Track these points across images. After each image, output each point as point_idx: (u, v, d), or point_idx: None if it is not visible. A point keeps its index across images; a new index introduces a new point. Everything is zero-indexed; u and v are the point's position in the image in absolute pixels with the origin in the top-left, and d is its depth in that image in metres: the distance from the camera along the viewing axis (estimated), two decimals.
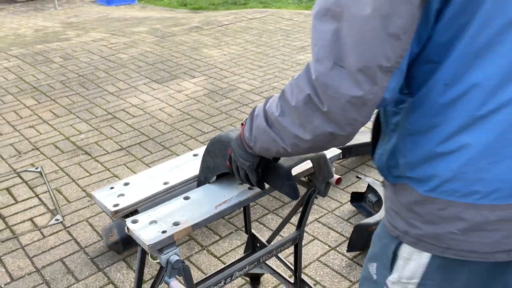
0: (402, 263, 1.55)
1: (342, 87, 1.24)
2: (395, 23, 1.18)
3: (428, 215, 1.43)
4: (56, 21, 12.03)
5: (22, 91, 6.96)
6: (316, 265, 3.52)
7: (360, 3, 1.19)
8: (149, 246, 1.80)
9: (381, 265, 1.64)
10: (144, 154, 5.07)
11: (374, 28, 1.19)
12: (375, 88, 1.24)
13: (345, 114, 1.28)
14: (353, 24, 1.21)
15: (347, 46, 1.22)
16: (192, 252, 3.68)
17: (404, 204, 1.49)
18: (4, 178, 4.72)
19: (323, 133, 1.35)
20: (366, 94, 1.24)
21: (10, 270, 3.57)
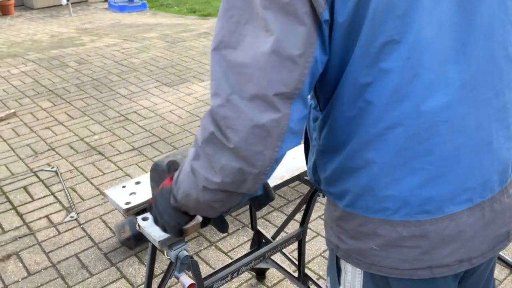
0: (344, 275, 1.51)
1: (242, 117, 1.12)
2: (289, 46, 1.10)
3: (352, 230, 1.40)
4: (71, 27, 12.05)
5: (38, 94, 6.98)
6: (319, 260, 3.52)
7: (254, 30, 1.12)
8: (159, 242, 1.80)
9: (332, 279, 1.59)
10: (155, 154, 5.07)
11: (268, 53, 1.10)
12: (277, 115, 1.12)
13: (250, 148, 1.15)
14: (247, 52, 1.12)
15: (243, 75, 1.12)
16: (200, 247, 3.68)
17: (333, 219, 1.46)
18: (21, 177, 4.74)
19: (232, 171, 1.19)
20: (268, 122, 1.12)
21: (27, 265, 3.58)
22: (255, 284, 3.32)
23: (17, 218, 4.10)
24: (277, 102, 1.11)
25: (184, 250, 1.86)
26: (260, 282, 3.33)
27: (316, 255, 3.56)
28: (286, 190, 4.27)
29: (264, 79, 1.10)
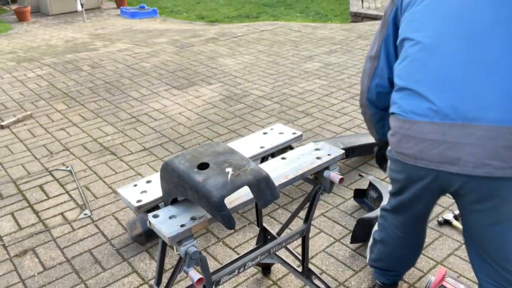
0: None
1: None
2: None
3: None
4: (85, 32, 12.08)
5: (53, 96, 6.99)
6: (322, 255, 3.52)
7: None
8: (169, 239, 1.81)
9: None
10: (165, 154, 5.08)
11: None
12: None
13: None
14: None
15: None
16: (209, 243, 3.69)
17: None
18: (37, 176, 4.75)
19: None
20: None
21: (42, 260, 3.58)
22: (260, 279, 3.32)
23: (33, 215, 4.11)
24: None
25: (193, 246, 1.87)
26: (266, 276, 3.33)
27: (319, 250, 3.56)
28: (291, 189, 4.27)
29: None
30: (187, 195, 1.88)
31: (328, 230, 3.78)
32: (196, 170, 1.88)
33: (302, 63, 8.09)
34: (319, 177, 2.38)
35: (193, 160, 1.95)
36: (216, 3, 16.16)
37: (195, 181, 1.82)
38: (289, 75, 7.50)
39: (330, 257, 3.50)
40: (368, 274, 3.31)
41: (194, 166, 1.90)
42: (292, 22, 11.89)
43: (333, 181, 2.33)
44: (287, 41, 9.70)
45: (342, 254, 3.51)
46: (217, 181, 1.81)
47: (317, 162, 2.28)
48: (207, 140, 5.35)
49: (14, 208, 4.22)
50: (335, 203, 4.10)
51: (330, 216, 3.95)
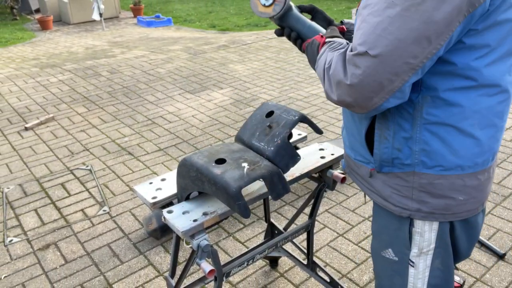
0: (418, 237, 1.66)
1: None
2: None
3: (440, 190, 1.56)
4: (104, 40, 12.10)
5: (74, 100, 7.02)
6: (326, 249, 3.52)
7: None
8: (183, 233, 1.82)
9: (398, 247, 1.72)
10: (179, 154, 5.09)
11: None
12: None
13: (357, 83, 1.35)
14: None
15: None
16: (220, 238, 3.69)
17: (416, 187, 1.58)
18: (59, 175, 4.76)
19: (341, 95, 1.41)
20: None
21: (64, 254, 3.60)
22: (268, 271, 3.32)
23: (55, 211, 4.13)
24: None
25: (205, 240, 1.87)
26: (273, 269, 3.34)
27: (323, 244, 3.56)
28: (297, 187, 4.27)
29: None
30: (204, 188, 1.89)
31: (331, 225, 3.78)
32: (214, 165, 1.89)
33: (307, 69, 8.08)
34: (323, 175, 2.39)
35: (210, 156, 1.96)
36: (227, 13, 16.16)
37: (213, 174, 1.83)
38: (295, 80, 7.50)
39: (334, 250, 3.50)
40: (369, 267, 3.31)
41: (212, 161, 1.92)
42: None
43: (336, 180, 2.33)
44: (294, 48, 9.69)
45: (345, 248, 3.51)
46: (234, 174, 1.82)
47: (321, 161, 2.29)
48: (219, 141, 5.36)
49: (38, 205, 4.24)
50: (338, 200, 4.10)
51: (334, 212, 3.95)
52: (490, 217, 3.79)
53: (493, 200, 3.99)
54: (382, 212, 1.74)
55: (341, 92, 1.39)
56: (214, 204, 1.98)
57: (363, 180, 1.76)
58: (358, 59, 1.32)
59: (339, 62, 1.39)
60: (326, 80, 1.46)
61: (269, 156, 1.95)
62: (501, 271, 3.22)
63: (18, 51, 11.06)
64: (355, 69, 1.32)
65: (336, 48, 1.51)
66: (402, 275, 1.76)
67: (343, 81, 1.36)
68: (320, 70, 1.52)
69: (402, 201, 1.63)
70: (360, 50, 1.31)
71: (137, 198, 4.25)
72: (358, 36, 1.33)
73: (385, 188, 1.66)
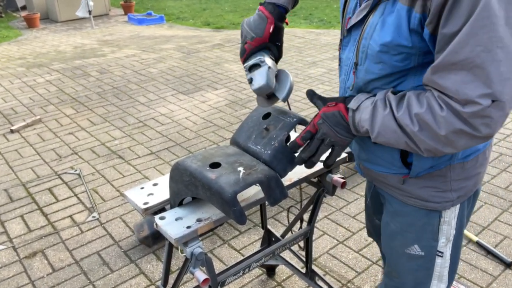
0: (446, 226, 1.83)
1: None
2: None
3: (470, 171, 1.76)
4: (93, 39, 12.10)
5: (62, 101, 7.01)
6: (325, 257, 3.52)
7: None
8: (175, 240, 1.82)
9: (425, 242, 1.85)
10: (172, 158, 5.09)
11: None
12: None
13: (492, 131, 1.39)
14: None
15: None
16: (214, 245, 3.69)
17: (456, 179, 1.74)
18: (46, 179, 4.76)
19: (466, 145, 1.46)
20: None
21: (52, 262, 3.60)
22: (265, 280, 3.32)
23: (42, 218, 4.12)
24: None
25: (199, 247, 1.87)
26: (270, 278, 3.34)
27: (322, 252, 3.57)
28: (295, 192, 4.28)
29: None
30: (198, 193, 1.89)
31: (331, 232, 3.78)
32: (208, 169, 1.89)
33: (306, 69, 8.10)
34: (322, 180, 2.39)
35: (204, 160, 1.96)
36: (222, 10, 16.17)
37: (208, 179, 1.82)
38: (294, 80, 7.50)
39: (334, 258, 3.50)
40: (371, 275, 3.31)
41: (206, 165, 1.91)
42: (296, 29, 11.88)
43: (335, 185, 2.33)
44: (291, 47, 9.71)
45: (345, 256, 3.52)
46: (230, 178, 1.82)
47: (320, 166, 2.28)
48: (213, 144, 5.36)
49: (24, 210, 4.24)
50: (338, 206, 4.10)
51: (334, 218, 3.95)
52: (497, 224, 3.79)
53: (500, 205, 4.00)
54: (407, 211, 1.85)
55: (468, 142, 1.44)
56: (209, 210, 1.97)
57: (393, 188, 1.85)
58: (488, 111, 1.34)
59: (453, 119, 1.39)
60: (427, 139, 1.47)
61: (266, 160, 1.95)
62: (508, 280, 3.23)
63: (3, 50, 11.04)
64: (489, 120, 1.36)
65: (390, 105, 1.55)
66: (428, 267, 1.90)
67: (472, 133, 1.39)
68: (396, 130, 1.53)
69: (443, 196, 1.76)
70: (486, 104, 1.33)
71: (127, 203, 4.25)
72: (474, 86, 1.34)
73: (423, 190, 1.77)
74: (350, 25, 1.70)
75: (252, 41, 1.93)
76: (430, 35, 1.42)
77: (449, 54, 1.35)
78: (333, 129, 1.68)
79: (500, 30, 1.28)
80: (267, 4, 1.95)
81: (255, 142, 2.04)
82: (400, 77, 1.59)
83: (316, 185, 2.46)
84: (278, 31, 1.98)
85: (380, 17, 1.52)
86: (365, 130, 1.60)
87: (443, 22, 1.35)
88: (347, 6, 1.78)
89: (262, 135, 2.05)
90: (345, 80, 1.79)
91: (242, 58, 1.99)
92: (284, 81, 1.99)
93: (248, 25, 1.95)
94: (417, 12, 1.41)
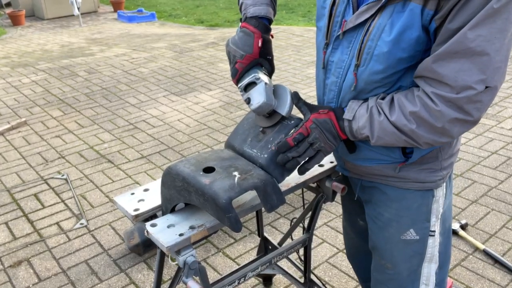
0: (436, 205, 2.00)
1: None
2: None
3: (454, 148, 1.97)
4: (81, 37, 12.10)
5: (49, 103, 7.01)
6: (325, 266, 3.52)
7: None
8: (167, 248, 1.81)
9: (419, 224, 2.01)
10: (164, 162, 5.09)
11: None
12: None
13: (481, 114, 1.60)
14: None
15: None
16: (208, 254, 3.69)
17: (446, 157, 1.92)
18: (32, 184, 4.76)
19: (459, 131, 1.65)
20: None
21: (38, 271, 3.59)
22: None
23: (28, 225, 4.12)
24: None
25: (192, 256, 1.87)
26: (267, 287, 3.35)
27: (322, 261, 3.57)
28: (292, 197, 4.28)
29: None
30: (191, 199, 1.88)
31: (331, 240, 3.79)
32: (201, 174, 1.88)
33: (304, 69, 8.11)
34: (321, 185, 2.39)
35: (198, 164, 1.95)
36: (216, 7, 16.19)
37: (201, 184, 1.82)
38: (291, 81, 7.52)
39: (333, 267, 3.51)
40: None
41: (200, 170, 1.90)
42: (294, 27, 11.90)
43: (335, 190, 2.33)
44: (289, 46, 9.73)
45: (346, 265, 3.52)
46: (224, 184, 1.81)
47: (319, 170, 2.28)
48: (207, 147, 5.37)
49: (9, 217, 4.23)
50: (338, 213, 4.10)
51: (333, 225, 3.96)
52: (505, 231, 3.80)
53: (508, 212, 4.01)
54: (404, 195, 1.99)
55: (461, 129, 1.63)
56: (202, 216, 1.97)
57: (387, 177, 1.99)
58: (480, 96, 1.54)
59: (448, 110, 1.58)
60: (425, 133, 1.66)
61: (263, 164, 1.95)
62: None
63: None
64: (480, 105, 1.56)
65: (382, 110, 1.72)
66: (421, 252, 2.06)
67: (465, 119, 1.58)
68: (394, 132, 1.70)
69: (437, 175, 1.93)
70: (480, 89, 1.53)
71: (117, 210, 4.25)
72: (472, 73, 1.52)
73: (419, 172, 1.93)
74: (347, 28, 1.75)
75: (243, 59, 1.94)
76: (435, 28, 1.57)
77: (454, 43, 1.50)
78: (324, 135, 1.80)
79: (499, 23, 1.47)
80: (249, 19, 1.97)
81: (251, 146, 2.04)
82: (401, 75, 1.72)
83: (315, 190, 2.46)
84: (267, 44, 2.00)
85: (388, 18, 1.62)
86: (365, 136, 1.77)
87: (451, 18, 1.51)
88: (335, 9, 1.81)
89: (258, 138, 2.05)
90: (338, 83, 1.86)
91: (234, 79, 2.00)
92: (283, 95, 1.99)
93: (234, 44, 1.97)
94: (430, 9, 1.54)
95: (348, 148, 1.95)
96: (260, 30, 1.95)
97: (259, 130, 2.07)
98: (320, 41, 1.92)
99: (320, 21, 1.92)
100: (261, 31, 1.96)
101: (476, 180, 4.48)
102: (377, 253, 2.18)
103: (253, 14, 1.97)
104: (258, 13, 1.97)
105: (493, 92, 1.55)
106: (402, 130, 1.67)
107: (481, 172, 4.61)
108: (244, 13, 2.02)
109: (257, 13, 1.97)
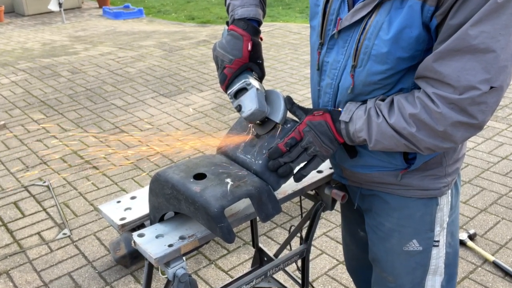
0: (440, 213, 1.98)
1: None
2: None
3: (458, 155, 1.95)
4: (64, 34, 12.10)
5: (29, 105, 7.00)
6: (324, 279, 3.52)
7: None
8: (156, 260, 1.81)
9: (423, 234, 1.99)
10: (152, 168, 5.08)
11: None
12: None
13: (486, 118, 1.57)
14: None
15: None
16: (200, 266, 3.69)
17: (450, 163, 1.91)
18: (11, 192, 4.75)
19: (463, 136, 1.62)
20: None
21: (17, 285, 3.59)
22: None
23: (7, 235, 4.11)
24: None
25: (182, 268, 1.87)
26: None
27: (321, 274, 3.57)
28: (289, 206, 4.29)
29: None
30: (181, 208, 1.88)
31: (330, 251, 3.79)
32: (192, 180, 1.87)
33: (302, 68, 8.12)
34: (320, 193, 2.38)
35: (188, 170, 1.94)
36: (208, 2, 16.21)
37: (191, 192, 1.81)
38: (288, 81, 7.53)
39: (333, 280, 3.51)
40: None
41: (190, 177, 1.90)
42: (291, 23, 11.92)
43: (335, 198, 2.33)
44: (286, 44, 9.74)
45: (346, 278, 3.52)
46: (216, 191, 1.81)
47: (318, 176, 2.28)
48: (198, 152, 5.36)
49: None
50: (338, 222, 4.11)
51: (333, 236, 3.96)
52: None
53: None
54: (406, 203, 1.98)
55: (465, 133, 1.61)
56: (193, 226, 1.97)
57: (389, 184, 1.98)
58: (485, 97, 1.51)
59: (450, 112, 1.55)
60: (426, 137, 1.64)
61: (257, 171, 1.95)
62: None
63: None
64: (485, 107, 1.53)
65: (381, 112, 1.70)
66: (425, 263, 2.03)
67: (469, 122, 1.56)
68: (393, 135, 1.69)
69: (441, 181, 1.92)
70: (485, 90, 1.50)
71: (102, 219, 4.24)
72: (475, 72, 1.50)
73: (422, 180, 1.91)
74: (343, 26, 1.74)
75: (232, 64, 1.93)
76: (436, 26, 1.56)
77: (455, 40, 1.49)
78: (319, 138, 1.79)
79: (504, 18, 1.45)
80: (237, 21, 1.96)
81: (244, 151, 2.04)
82: (401, 77, 1.71)
83: (313, 198, 2.46)
84: (256, 47, 1.99)
85: (386, 15, 1.60)
86: (362, 140, 1.75)
87: (452, 14, 1.50)
88: (329, 6, 1.80)
89: (252, 143, 2.04)
90: (333, 85, 1.86)
91: (223, 85, 1.98)
92: (276, 101, 1.97)
93: (222, 48, 1.95)
94: (431, 5, 1.53)
95: (349, 153, 1.92)
96: (249, 33, 1.94)
97: (253, 135, 2.06)
98: (314, 41, 1.91)
99: (313, 19, 1.91)
100: (250, 33, 1.95)
101: (485, 187, 4.49)
102: (378, 265, 2.16)
103: (241, 16, 1.96)
104: (247, 14, 1.96)
105: (498, 93, 1.52)
106: (402, 134, 1.65)
107: (490, 179, 4.62)
108: (232, 14, 2.01)
109: (245, 15, 1.96)
